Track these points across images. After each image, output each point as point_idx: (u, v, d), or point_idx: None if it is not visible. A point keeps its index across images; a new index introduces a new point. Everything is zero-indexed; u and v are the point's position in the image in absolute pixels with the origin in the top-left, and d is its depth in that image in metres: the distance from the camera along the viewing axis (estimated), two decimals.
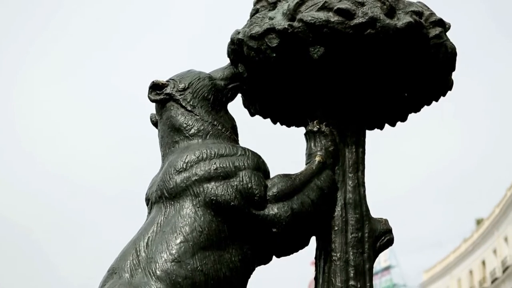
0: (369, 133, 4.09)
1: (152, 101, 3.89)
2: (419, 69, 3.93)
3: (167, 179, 3.56)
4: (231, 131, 3.84)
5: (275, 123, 4.33)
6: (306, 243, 3.77)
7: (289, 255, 3.76)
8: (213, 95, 3.85)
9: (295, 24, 3.67)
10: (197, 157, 3.56)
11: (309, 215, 3.62)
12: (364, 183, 3.91)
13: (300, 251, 3.78)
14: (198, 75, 3.89)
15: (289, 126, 4.33)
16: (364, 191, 3.89)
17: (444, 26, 3.93)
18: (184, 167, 3.55)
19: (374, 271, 3.87)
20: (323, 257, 3.78)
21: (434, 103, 4.21)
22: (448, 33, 3.97)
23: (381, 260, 76.63)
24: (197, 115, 3.77)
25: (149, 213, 3.65)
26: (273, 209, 3.54)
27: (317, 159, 3.77)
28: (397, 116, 4.23)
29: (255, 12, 3.93)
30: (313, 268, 4.06)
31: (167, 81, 3.87)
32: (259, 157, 3.69)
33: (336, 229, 3.75)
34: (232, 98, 3.99)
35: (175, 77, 3.90)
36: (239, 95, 4.14)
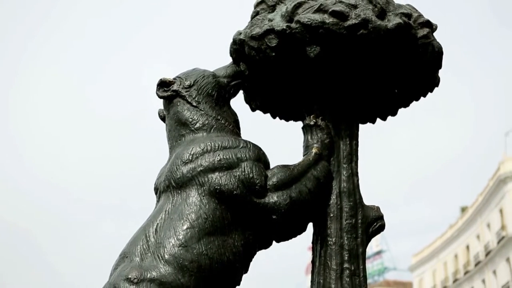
0: (362, 126, 4.09)
1: (160, 97, 3.88)
2: (408, 67, 3.92)
3: (174, 169, 3.55)
4: (233, 125, 3.83)
5: (274, 117, 4.32)
6: (303, 229, 3.77)
7: (288, 240, 3.75)
8: (216, 92, 3.84)
9: (293, 25, 3.66)
10: (202, 149, 3.56)
11: (306, 203, 3.62)
12: (357, 173, 3.90)
13: (298, 236, 3.77)
14: (202, 73, 3.88)
15: (287, 120, 4.32)
16: (357, 181, 3.88)
17: (431, 27, 3.92)
18: (190, 158, 3.55)
19: (366, 255, 3.86)
20: (319, 242, 3.78)
21: (422, 98, 4.20)
22: (435, 33, 3.97)
23: (373, 245, 76.73)
24: (202, 110, 3.77)
25: (158, 201, 3.64)
26: (273, 198, 3.54)
27: (314, 150, 3.76)
28: (388, 110, 4.23)
29: (255, 14, 3.93)
30: (310, 252, 4.05)
31: (174, 79, 3.87)
32: (259, 149, 3.68)
33: (331, 215, 3.75)
34: (234, 94, 3.98)
35: (181, 75, 3.89)
36: (241, 91, 4.13)
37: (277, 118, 4.32)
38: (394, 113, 4.26)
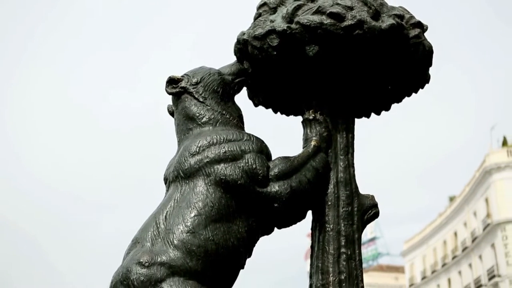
0: (357, 120, 4.06)
1: (168, 93, 3.87)
2: (401, 65, 3.90)
3: (183, 161, 3.55)
4: (238, 119, 3.82)
5: (276, 112, 4.31)
6: (303, 216, 3.76)
7: (288, 226, 3.74)
8: (222, 88, 3.83)
9: (293, 26, 3.64)
10: (209, 142, 3.55)
11: (306, 192, 3.61)
12: (353, 164, 3.89)
13: (298, 223, 3.76)
14: (209, 71, 3.87)
15: (288, 115, 4.31)
16: (353, 171, 3.87)
17: (422, 27, 3.91)
18: (197, 150, 3.54)
19: (361, 241, 3.85)
20: (318, 228, 3.77)
21: (413, 94, 4.19)
22: (426, 33, 3.95)
23: (368, 232, 76.98)
24: (208, 106, 3.76)
25: (167, 190, 3.64)
26: (274, 187, 3.53)
27: (313, 143, 3.75)
28: (381, 106, 4.21)
29: (258, 15, 3.91)
30: (309, 239, 4.05)
31: (182, 76, 3.86)
32: (262, 142, 3.67)
33: (329, 204, 3.74)
34: (238, 91, 3.97)
35: (189, 73, 3.88)
36: (245, 88, 4.12)
37: (278, 113, 4.31)
38: (387, 109, 4.24)
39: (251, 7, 4.06)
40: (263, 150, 3.63)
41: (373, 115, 4.25)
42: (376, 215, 3.88)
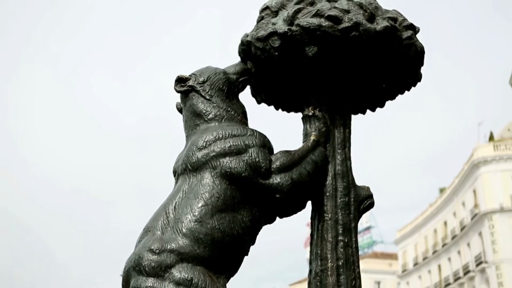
0: (354, 116, 4.06)
1: (177, 92, 3.87)
2: (394, 64, 3.89)
3: (190, 155, 3.54)
4: (242, 115, 3.81)
5: (277, 109, 4.30)
6: (303, 207, 3.75)
7: (289, 216, 3.73)
8: (227, 87, 3.82)
9: (293, 28, 3.63)
10: (215, 137, 3.55)
11: (305, 183, 3.60)
12: (350, 157, 3.88)
13: (298, 213, 3.76)
14: (214, 70, 3.86)
15: (288, 111, 4.30)
16: (350, 164, 3.86)
17: (414, 29, 3.89)
18: (204, 145, 3.53)
19: (357, 229, 3.85)
20: (317, 217, 3.76)
21: (406, 92, 4.17)
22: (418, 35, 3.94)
23: (363, 221, 77.06)
24: (214, 103, 3.75)
25: (176, 182, 3.63)
26: (276, 179, 3.52)
27: (312, 138, 3.74)
28: (376, 103, 4.20)
29: (260, 19, 3.90)
30: (308, 228, 4.05)
31: (189, 76, 3.85)
32: (264, 137, 3.66)
33: (327, 194, 3.73)
34: (242, 89, 3.96)
35: (196, 72, 3.87)
36: (248, 86, 4.11)
37: (280, 109, 4.30)
38: (382, 105, 4.23)
39: (254, 11, 4.06)
40: (265, 144, 3.62)
41: (368, 111, 4.25)
42: (371, 205, 3.88)
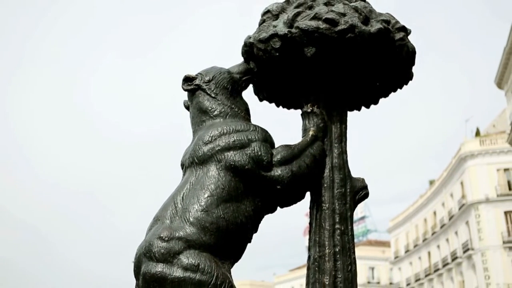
0: (350, 113, 4.05)
1: (184, 90, 3.87)
2: (388, 64, 3.88)
3: (197, 149, 3.54)
4: (245, 112, 3.81)
5: (278, 106, 4.29)
6: (302, 197, 3.75)
7: (289, 206, 3.73)
8: (231, 85, 3.82)
9: (293, 30, 3.62)
10: (220, 132, 3.54)
11: (304, 175, 3.60)
12: (346, 151, 3.87)
13: (298, 203, 3.76)
14: (219, 70, 3.86)
15: (289, 108, 4.29)
16: (346, 157, 3.85)
17: (406, 31, 3.88)
18: (210, 140, 3.53)
19: (353, 218, 3.85)
20: (315, 207, 3.76)
21: (398, 90, 4.16)
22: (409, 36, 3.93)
23: (358, 211, 77.13)
24: (219, 101, 3.75)
25: (183, 175, 3.63)
26: (277, 171, 3.52)
27: (311, 133, 3.74)
28: (371, 100, 4.19)
29: (262, 21, 3.89)
30: (307, 218, 4.05)
31: (196, 75, 3.85)
32: (266, 132, 3.66)
33: (325, 186, 3.72)
34: (245, 87, 3.95)
35: (202, 72, 3.87)
36: (251, 85, 4.10)
37: (280, 106, 4.29)
38: (376, 102, 4.22)
39: (256, 14, 4.05)
40: (267, 139, 3.62)
41: (363, 108, 4.24)
42: (366, 196, 3.88)
